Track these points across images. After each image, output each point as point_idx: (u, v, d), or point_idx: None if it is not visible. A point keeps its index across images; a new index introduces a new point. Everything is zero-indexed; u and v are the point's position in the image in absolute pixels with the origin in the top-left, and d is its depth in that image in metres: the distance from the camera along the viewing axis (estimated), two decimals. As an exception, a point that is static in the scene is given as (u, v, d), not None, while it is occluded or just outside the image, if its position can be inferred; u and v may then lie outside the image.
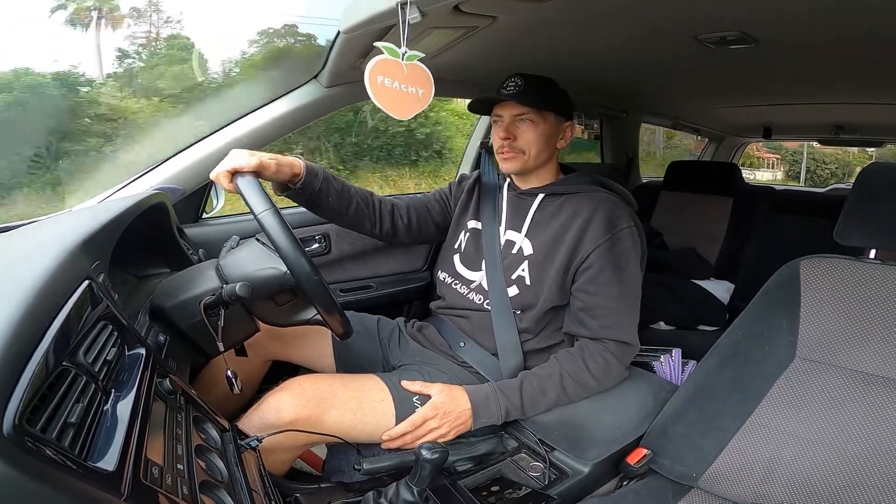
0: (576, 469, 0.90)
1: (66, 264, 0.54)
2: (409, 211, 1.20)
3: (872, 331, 0.85)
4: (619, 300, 1.00)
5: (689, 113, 2.47)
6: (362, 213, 1.10)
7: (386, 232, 1.16)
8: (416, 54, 0.77)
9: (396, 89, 0.78)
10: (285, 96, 1.22)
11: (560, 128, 1.08)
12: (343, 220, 1.10)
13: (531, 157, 1.06)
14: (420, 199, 1.25)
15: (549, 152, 1.09)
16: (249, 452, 0.68)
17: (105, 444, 0.43)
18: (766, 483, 0.83)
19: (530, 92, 1.02)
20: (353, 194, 1.08)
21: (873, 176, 0.92)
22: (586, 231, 1.01)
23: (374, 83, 0.77)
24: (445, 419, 0.93)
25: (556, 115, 1.06)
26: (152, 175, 1.14)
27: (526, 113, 1.04)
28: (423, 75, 0.79)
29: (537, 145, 1.06)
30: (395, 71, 0.77)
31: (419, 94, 0.79)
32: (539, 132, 1.05)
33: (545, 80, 1.06)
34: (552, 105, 1.05)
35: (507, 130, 1.05)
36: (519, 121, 1.05)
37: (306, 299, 0.82)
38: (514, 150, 1.06)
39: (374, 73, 0.77)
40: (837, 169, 12.16)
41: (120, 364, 0.55)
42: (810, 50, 1.08)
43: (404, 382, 0.97)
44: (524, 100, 1.02)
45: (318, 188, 1.00)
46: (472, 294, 1.11)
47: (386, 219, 1.15)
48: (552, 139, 1.08)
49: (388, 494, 0.73)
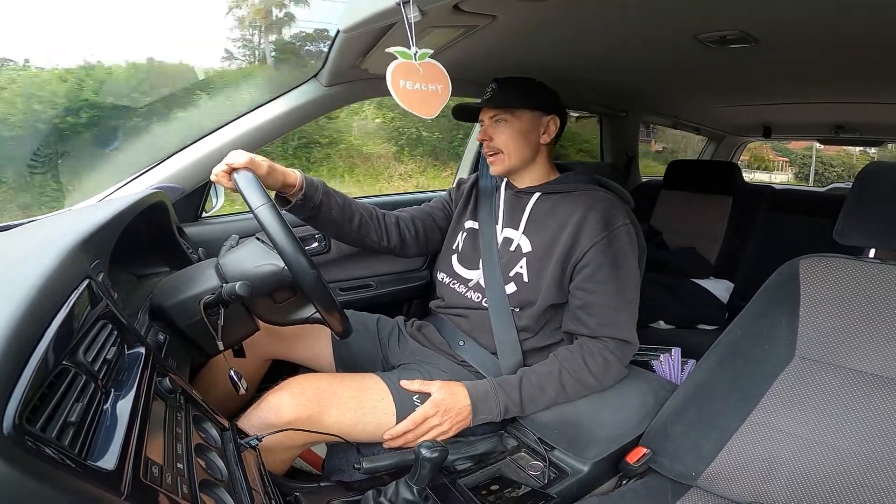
0: (575, 468, 0.90)
1: (65, 263, 0.53)
2: (414, 222, 1.19)
3: (872, 330, 0.85)
4: (617, 298, 1.00)
5: (689, 112, 2.47)
6: (367, 225, 1.09)
7: (394, 245, 1.15)
8: (426, 52, 0.78)
9: (418, 90, 0.79)
10: (285, 95, 1.22)
11: (540, 122, 1.09)
12: (348, 233, 1.08)
13: (510, 154, 1.08)
14: (423, 208, 1.25)
15: (532, 148, 1.10)
16: (249, 451, 0.68)
17: (105, 444, 0.43)
18: (765, 482, 0.84)
19: (504, 93, 1.06)
20: (356, 207, 1.07)
21: (873, 175, 0.92)
22: (583, 229, 1.01)
23: (398, 88, 0.77)
24: (446, 416, 0.93)
25: (532, 111, 1.07)
26: (152, 174, 1.14)
27: (498, 114, 1.07)
28: (438, 71, 0.80)
29: (514, 142, 1.08)
30: (412, 73, 0.78)
31: (438, 90, 0.80)
32: (514, 130, 1.07)
33: (522, 79, 1.09)
34: (525, 102, 1.07)
35: (484, 132, 1.10)
36: (495, 122, 1.08)
37: (305, 297, 0.82)
38: (492, 150, 1.09)
39: (396, 78, 0.77)
40: (843, 171, 12.33)
41: (120, 363, 0.55)
42: (810, 50, 1.08)
43: (403, 382, 0.96)
44: (495, 102, 1.06)
45: (320, 201, 0.99)
46: (470, 293, 1.11)
47: (393, 231, 1.14)
48: (531, 135, 1.08)
49: (387, 493, 0.73)
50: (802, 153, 12.45)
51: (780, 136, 3.05)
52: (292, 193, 0.96)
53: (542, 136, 1.09)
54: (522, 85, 1.08)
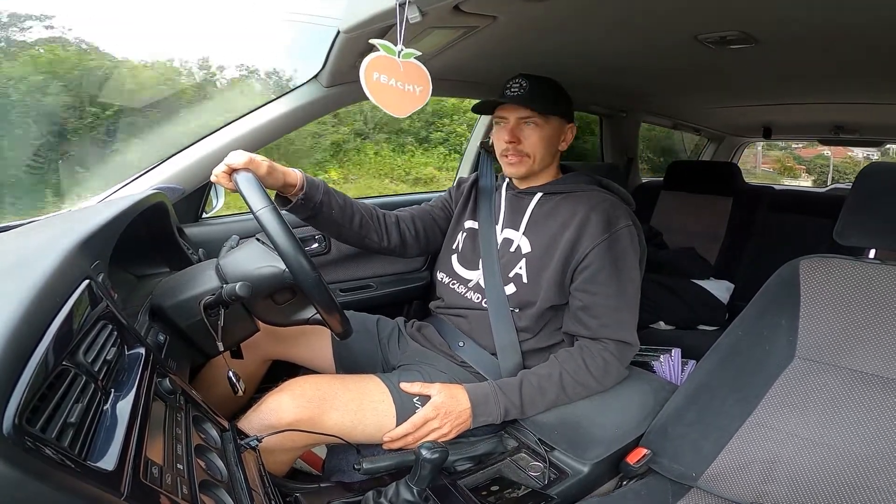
0: (575, 469, 0.90)
1: (65, 264, 0.53)
2: (414, 222, 1.18)
3: (872, 331, 0.85)
4: (618, 299, 1.00)
5: (689, 113, 2.47)
6: (367, 225, 1.08)
7: (395, 245, 1.14)
8: (412, 52, 0.77)
9: (393, 87, 0.77)
10: (285, 96, 1.22)
11: (562, 130, 1.08)
12: (349, 234, 1.07)
13: (536, 160, 1.06)
14: (423, 208, 1.24)
15: (553, 155, 1.09)
16: (249, 452, 0.68)
17: (105, 444, 0.43)
18: (765, 483, 0.83)
19: (535, 94, 1.01)
20: (357, 207, 1.07)
21: (873, 176, 0.92)
22: (584, 230, 1.01)
23: (370, 80, 0.76)
24: (447, 419, 0.93)
25: (559, 118, 1.06)
26: (152, 175, 1.14)
27: (531, 116, 1.04)
28: (421, 73, 0.78)
29: (542, 149, 1.05)
30: (391, 68, 0.76)
31: (417, 91, 0.79)
32: (544, 135, 1.05)
33: (550, 81, 1.06)
34: (557, 108, 1.05)
35: (511, 133, 1.05)
36: (524, 124, 1.05)
37: (305, 298, 0.82)
38: (519, 153, 1.06)
39: (370, 69, 0.75)
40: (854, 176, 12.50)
41: (120, 364, 0.55)
42: (810, 49, 1.08)
43: (403, 385, 0.96)
44: (530, 103, 1.02)
45: (320, 201, 0.98)
46: (469, 293, 1.11)
47: (393, 231, 1.13)
48: (555, 142, 1.07)
49: (387, 494, 0.73)
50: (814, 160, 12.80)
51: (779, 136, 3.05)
52: (293, 193, 0.96)
53: (560, 143, 1.09)
54: (551, 87, 1.05)
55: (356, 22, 0.86)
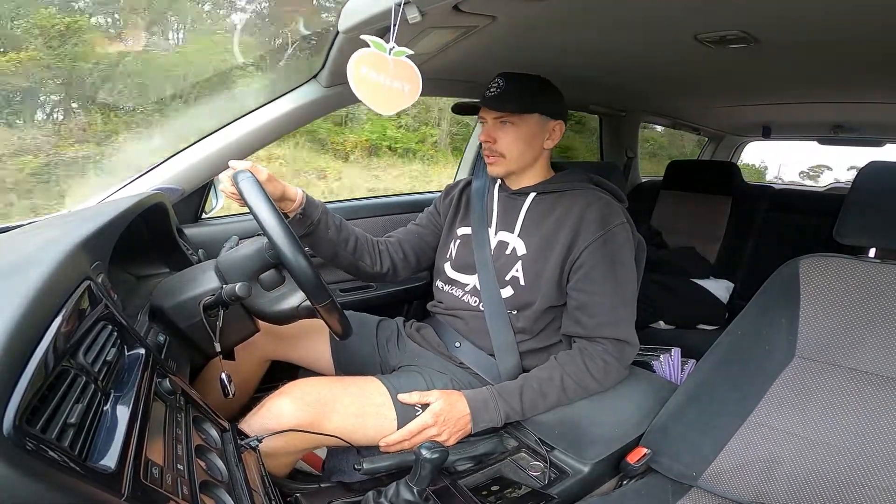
0: (576, 468, 0.90)
1: (65, 264, 0.53)
2: (402, 246, 1.18)
3: (872, 330, 0.85)
4: (615, 297, 0.99)
5: (689, 112, 2.47)
6: (361, 248, 1.09)
7: (387, 270, 1.15)
8: (403, 50, 0.75)
9: (382, 84, 0.75)
10: (284, 96, 1.22)
11: (546, 127, 1.06)
12: (343, 256, 1.07)
13: (512, 159, 1.06)
14: (410, 229, 1.23)
15: (534, 153, 1.07)
16: (249, 452, 0.68)
17: (105, 445, 0.43)
18: (765, 482, 0.83)
19: (512, 94, 1.01)
20: (352, 230, 1.08)
21: (872, 175, 0.92)
22: (579, 229, 1.00)
23: (357, 74, 0.74)
24: (445, 426, 0.92)
25: (540, 115, 1.04)
26: (152, 175, 1.14)
27: (505, 116, 1.03)
28: (412, 72, 0.77)
29: (518, 148, 1.05)
30: (381, 65, 0.74)
31: (405, 90, 0.77)
32: (519, 134, 1.04)
33: (529, 79, 1.04)
34: (533, 106, 1.03)
35: (487, 133, 1.05)
36: (500, 123, 1.04)
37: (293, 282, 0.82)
38: (494, 153, 1.06)
39: (359, 64, 0.74)
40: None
41: (120, 364, 0.55)
42: (810, 49, 1.08)
43: (401, 396, 0.95)
44: (502, 105, 1.01)
45: (318, 219, 1.00)
46: (466, 296, 1.11)
47: (385, 257, 1.14)
48: (536, 140, 1.06)
49: (388, 494, 0.73)
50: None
51: (779, 136, 3.05)
52: (292, 209, 0.97)
53: (545, 140, 1.07)
54: (531, 85, 1.04)
55: (355, 22, 0.86)
